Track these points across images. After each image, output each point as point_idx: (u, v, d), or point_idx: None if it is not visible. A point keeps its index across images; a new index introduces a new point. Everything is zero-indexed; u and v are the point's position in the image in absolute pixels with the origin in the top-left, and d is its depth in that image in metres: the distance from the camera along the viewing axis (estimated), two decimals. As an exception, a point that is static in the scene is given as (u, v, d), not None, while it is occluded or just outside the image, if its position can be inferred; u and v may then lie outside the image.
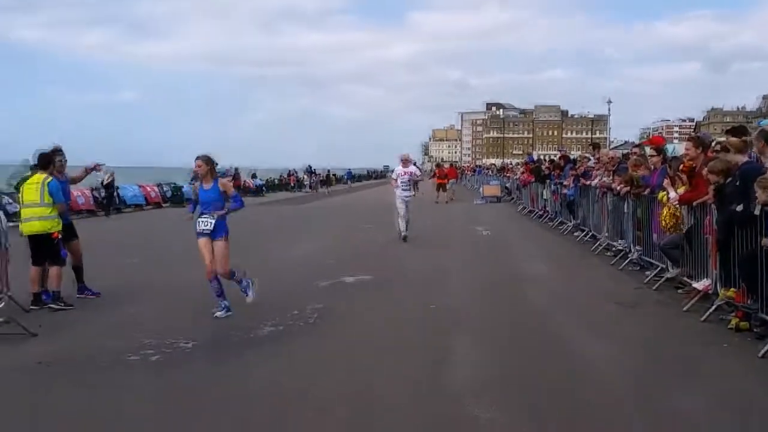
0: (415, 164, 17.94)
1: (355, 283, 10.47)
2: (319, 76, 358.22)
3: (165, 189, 34.17)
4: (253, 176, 49.16)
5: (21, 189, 9.13)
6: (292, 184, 53.46)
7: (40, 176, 8.98)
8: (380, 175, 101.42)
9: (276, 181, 53.36)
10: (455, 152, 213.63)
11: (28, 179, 9.09)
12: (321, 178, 56.72)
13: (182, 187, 35.00)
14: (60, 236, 9.00)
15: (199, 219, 8.29)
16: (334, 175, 65.90)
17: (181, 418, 5.06)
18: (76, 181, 10.35)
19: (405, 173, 16.51)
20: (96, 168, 10.37)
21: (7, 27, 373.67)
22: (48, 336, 7.38)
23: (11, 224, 9.69)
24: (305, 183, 54.71)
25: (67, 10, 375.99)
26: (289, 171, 56.69)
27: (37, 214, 8.87)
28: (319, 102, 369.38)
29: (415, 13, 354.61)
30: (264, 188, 47.45)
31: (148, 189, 33.20)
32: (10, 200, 22.80)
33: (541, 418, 4.96)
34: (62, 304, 8.76)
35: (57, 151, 9.48)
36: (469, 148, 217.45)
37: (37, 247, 8.93)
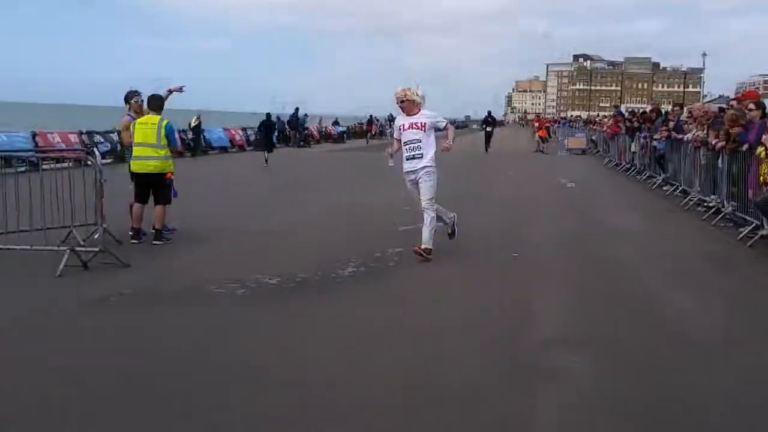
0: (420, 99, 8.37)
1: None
2: (402, 27, 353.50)
3: (249, 133, 34.71)
4: (335, 123, 49.35)
5: (132, 128, 9.38)
6: (373, 132, 53.35)
7: (154, 117, 9.26)
8: (461, 126, 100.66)
9: (358, 128, 53.34)
10: (539, 104, 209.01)
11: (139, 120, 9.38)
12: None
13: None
14: (173, 177, 9.35)
15: None
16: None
17: (263, 350, 5.19)
18: None
19: (410, 126, 8.33)
20: (180, 89, 10.39)
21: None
22: (140, 267, 7.67)
23: (104, 162, 10.10)
24: (387, 131, 54.51)
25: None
26: (370, 118, 56.17)
27: (152, 154, 9.15)
28: (401, 53, 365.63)
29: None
30: (345, 135, 47.63)
31: (233, 132, 33.80)
32: (102, 139, 23.89)
33: (625, 370, 4.86)
34: (167, 240, 9.13)
35: (134, 93, 9.88)
36: (553, 100, 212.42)
37: (146, 185, 9.23)
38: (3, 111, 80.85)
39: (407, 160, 8.35)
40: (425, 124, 8.29)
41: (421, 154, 8.27)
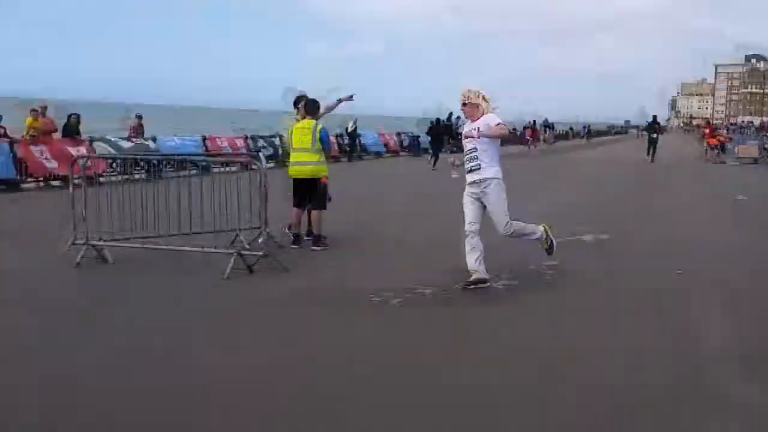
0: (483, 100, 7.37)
1: (593, 242, 10.12)
2: (560, 28, 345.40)
3: (403, 138, 35.17)
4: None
5: (290, 132, 9.67)
6: (528, 137, 51.98)
7: (310, 122, 9.42)
8: (620, 131, 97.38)
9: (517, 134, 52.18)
10: (706, 108, 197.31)
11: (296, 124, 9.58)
12: (556, 132, 55.46)
13: (419, 137, 35.81)
14: (327, 182, 9.53)
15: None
16: (588, 128, 71.68)
17: (417, 357, 5.23)
18: (328, 109, 10.27)
19: (467, 134, 7.39)
20: (350, 98, 10.54)
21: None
22: (299, 272, 7.96)
23: (267, 166, 10.52)
24: (541, 137, 53.12)
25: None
26: (526, 124, 54.72)
27: (307, 159, 9.34)
28: (559, 55, 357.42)
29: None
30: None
31: (387, 137, 34.40)
32: (265, 144, 24.96)
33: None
34: (325, 245, 9.32)
35: (302, 97, 9.99)
36: (722, 104, 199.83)
37: (302, 190, 9.42)
38: (176, 115, 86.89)
39: (467, 173, 7.41)
40: (479, 130, 7.20)
41: (479, 165, 7.24)
